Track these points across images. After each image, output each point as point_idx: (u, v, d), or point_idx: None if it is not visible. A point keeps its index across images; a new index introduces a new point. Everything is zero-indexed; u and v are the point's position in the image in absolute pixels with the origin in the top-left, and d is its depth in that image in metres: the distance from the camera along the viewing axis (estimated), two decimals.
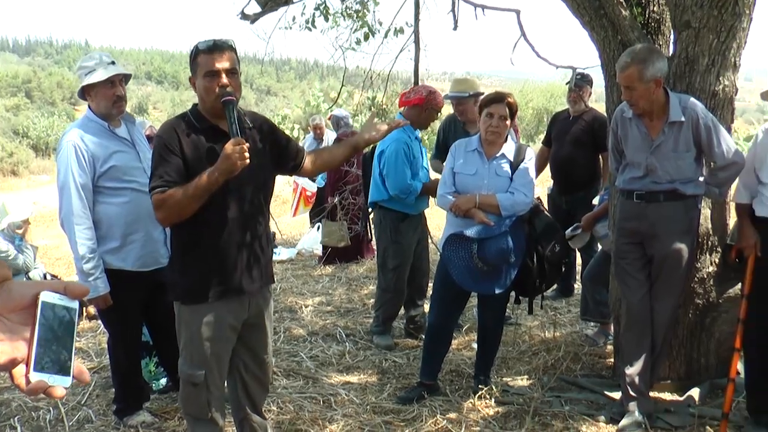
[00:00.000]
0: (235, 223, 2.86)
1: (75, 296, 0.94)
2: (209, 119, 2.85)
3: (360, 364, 4.78)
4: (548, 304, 5.83)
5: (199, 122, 2.84)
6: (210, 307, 2.87)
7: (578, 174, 5.77)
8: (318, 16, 6.36)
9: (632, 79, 3.40)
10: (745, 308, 3.59)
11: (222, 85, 2.74)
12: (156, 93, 76.57)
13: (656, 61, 3.40)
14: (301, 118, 25.18)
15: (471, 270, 3.85)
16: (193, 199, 2.68)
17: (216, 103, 2.76)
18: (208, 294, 2.85)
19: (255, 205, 2.95)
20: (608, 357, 4.67)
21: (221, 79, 2.75)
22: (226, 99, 2.73)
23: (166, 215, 2.76)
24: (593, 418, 3.80)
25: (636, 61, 3.38)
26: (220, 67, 2.75)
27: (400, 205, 4.95)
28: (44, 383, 0.88)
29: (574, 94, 5.80)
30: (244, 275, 2.93)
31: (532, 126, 35.73)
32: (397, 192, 4.85)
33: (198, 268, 2.86)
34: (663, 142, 3.51)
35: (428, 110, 4.98)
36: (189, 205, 2.69)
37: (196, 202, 2.69)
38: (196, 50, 2.78)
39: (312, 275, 7.56)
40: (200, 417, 3.01)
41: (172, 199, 2.68)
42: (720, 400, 3.76)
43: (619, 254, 3.81)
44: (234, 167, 2.63)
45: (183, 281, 2.90)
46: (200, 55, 2.77)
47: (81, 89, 3.62)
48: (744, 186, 3.68)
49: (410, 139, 4.91)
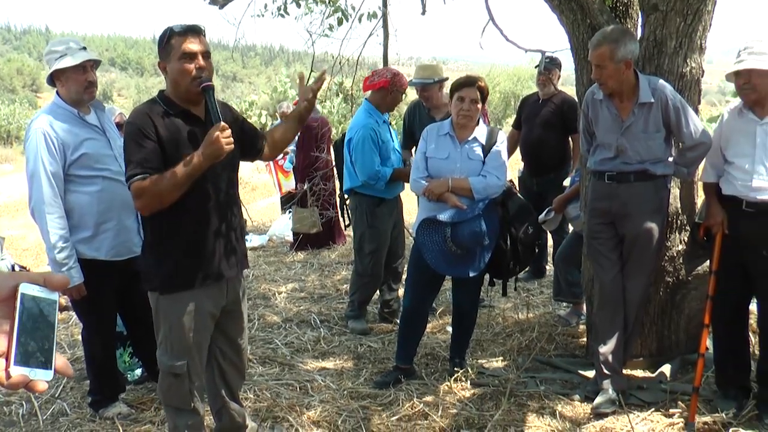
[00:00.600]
0: (213, 209, 2.85)
1: (55, 288, 0.92)
2: (180, 104, 2.81)
3: (335, 350, 4.79)
4: (521, 285, 5.89)
5: (170, 107, 2.80)
6: (190, 295, 2.85)
7: (548, 156, 5.82)
8: (290, 2, 6.29)
9: (603, 58, 3.45)
10: (713, 285, 3.67)
11: (200, 66, 2.72)
12: (120, 80, 75.40)
13: (628, 43, 3.44)
14: (268, 104, 24.98)
15: (445, 254, 3.87)
16: (177, 186, 2.65)
17: (192, 86, 2.73)
18: (187, 282, 2.83)
19: (230, 191, 2.95)
20: (581, 337, 4.75)
21: (199, 61, 2.73)
22: (205, 85, 2.72)
23: (147, 203, 2.69)
24: (568, 397, 3.86)
25: (608, 41, 3.43)
26: (197, 49, 2.72)
27: (374, 190, 4.95)
28: (25, 377, 0.86)
29: (543, 78, 5.84)
30: (223, 261, 2.92)
31: (500, 110, 35.93)
32: (366, 179, 4.85)
33: (177, 256, 2.82)
34: (633, 123, 3.56)
35: (394, 92, 4.97)
36: (172, 192, 2.65)
37: (179, 190, 2.66)
38: (169, 33, 2.73)
39: (284, 262, 7.54)
40: (183, 407, 2.99)
41: (155, 187, 2.64)
42: (690, 375, 3.85)
43: (591, 234, 3.86)
44: (220, 152, 2.64)
45: (161, 271, 2.85)
46: (174, 38, 2.72)
47: (50, 75, 3.54)
48: (711, 165, 3.75)
49: (377, 123, 4.90)
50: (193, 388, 2.97)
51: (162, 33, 2.79)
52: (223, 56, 34.99)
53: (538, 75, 5.94)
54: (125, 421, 3.70)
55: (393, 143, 5.06)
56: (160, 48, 2.80)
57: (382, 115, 5.01)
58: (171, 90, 2.83)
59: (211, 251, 2.87)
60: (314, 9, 6.52)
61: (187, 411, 3.00)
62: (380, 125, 4.92)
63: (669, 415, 3.61)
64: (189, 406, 2.99)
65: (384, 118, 5.02)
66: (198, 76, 2.72)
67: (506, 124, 24.90)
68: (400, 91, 5.01)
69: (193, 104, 2.83)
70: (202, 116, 2.85)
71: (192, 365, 2.93)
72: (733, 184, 3.56)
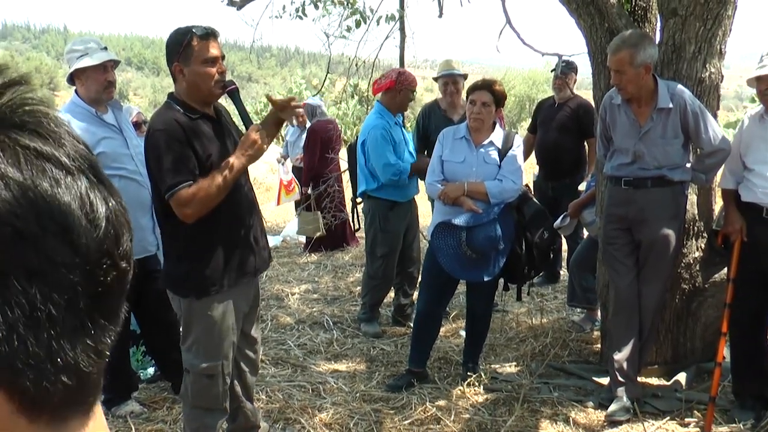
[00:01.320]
0: (242, 208, 2.90)
1: None
2: (197, 107, 2.80)
3: (348, 352, 4.78)
4: (535, 290, 5.86)
5: (189, 111, 2.78)
6: (226, 295, 2.86)
7: (564, 160, 5.79)
8: (308, 4, 6.30)
9: (623, 63, 3.42)
10: (731, 292, 3.63)
11: (222, 71, 2.76)
12: (136, 79, 75.96)
13: (647, 47, 3.41)
14: None
15: (460, 258, 3.85)
16: (225, 189, 2.68)
17: (215, 89, 2.76)
18: (222, 283, 2.83)
19: (251, 189, 3.03)
20: (595, 343, 4.71)
21: (221, 65, 2.76)
22: (231, 89, 2.78)
23: (196, 210, 2.66)
24: (582, 403, 3.83)
25: (627, 46, 3.40)
26: (217, 54, 2.75)
27: (388, 193, 4.93)
28: None
29: (559, 81, 5.81)
30: (254, 258, 2.96)
31: (515, 113, 35.83)
32: (388, 176, 4.80)
33: (211, 259, 2.80)
34: (651, 128, 3.53)
35: (402, 91, 4.92)
36: (219, 196, 2.68)
37: (225, 192, 2.69)
38: (190, 36, 2.70)
39: (297, 263, 7.54)
40: (215, 407, 3.00)
41: (203, 192, 2.63)
42: (706, 384, 3.81)
43: (608, 240, 3.83)
44: (261, 152, 2.73)
45: (193, 275, 2.80)
46: (195, 41, 2.70)
47: (70, 74, 3.56)
48: (730, 172, 3.71)
49: (389, 124, 4.88)
50: (226, 387, 2.99)
51: (178, 34, 2.75)
52: (239, 57, 35.15)
53: (554, 79, 5.91)
54: (138, 419, 3.71)
55: (407, 144, 5.04)
56: (177, 50, 2.74)
57: (394, 117, 4.98)
58: (187, 93, 2.80)
59: (243, 251, 2.90)
60: (332, 11, 6.52)
61: (219, 410, 3.02)
62: (392, 126, 4.90)
63: (684, 425, 3.58)
64: (221, 406, 3.01)
65: (396, 119, 5.00)
66: (221, 79, 2.76)
67: (521, 127, 24.84)
68: (408, 89, 4.94)
69: (207, 106, 2.84)
70: (215, 116, 2.89)
71: (226, 365, 2.94)
72: (753, 191, 3.53)
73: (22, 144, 0.47)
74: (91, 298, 0.49)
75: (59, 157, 0.48)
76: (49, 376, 0.47)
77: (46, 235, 0.46)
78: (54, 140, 0.49)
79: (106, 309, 0.51)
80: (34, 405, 0.47)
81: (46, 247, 0.45)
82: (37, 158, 0.47)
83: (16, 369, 0.45)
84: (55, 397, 0.48)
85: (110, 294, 0.51)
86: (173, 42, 2.76)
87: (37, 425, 0.48)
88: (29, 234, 0.45)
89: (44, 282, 0.46)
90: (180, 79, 2.78)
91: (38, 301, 0.45)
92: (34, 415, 0.47)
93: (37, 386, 0.46)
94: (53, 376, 0.47)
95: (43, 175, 0.47)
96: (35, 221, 0.45)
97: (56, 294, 0.46)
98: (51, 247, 0.46)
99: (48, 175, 0.47)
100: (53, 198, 0.46)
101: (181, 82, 2.79)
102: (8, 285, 0.44)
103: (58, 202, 0.47)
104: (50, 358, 0.47)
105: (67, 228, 0.47)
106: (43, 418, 0.48)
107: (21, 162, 0.46)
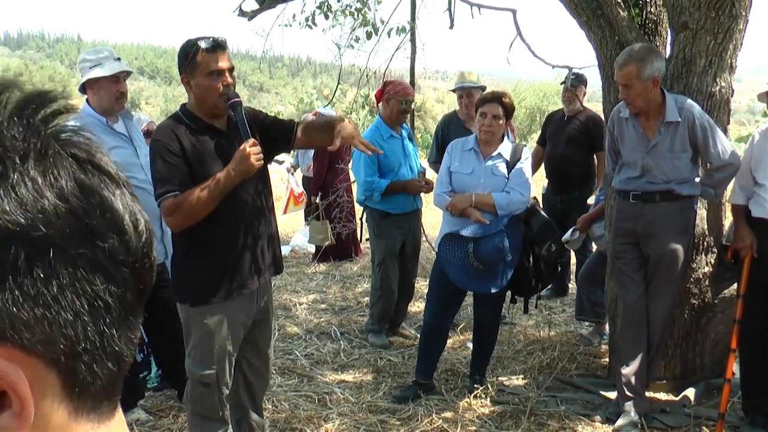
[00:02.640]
0: (242, 221, 2.87)
1: None
2: (204, 119, 2.83)
3: (355, 363, 4.78)
4: (543, 303, 5.83)
5: (194, 122, 2.82)
6: (222, 306, 2.86)
7: (573, 174, 5.77)
8: (318, 14, 6.32)
9: (630, 77, 3.41)
10: (741, 308, 3.61)
11: (227, 84, 2.75)
12: (149, 88, 76.49)
13: (654, 61, 3.41)
14: (294, 115, 25.04)
15: (467, 269, 3.84)
16: (210, 202, 2.68)
17: (219, 102, 2.76)
18: (218, 294, 2.84)
19: (261, 197, 2.99)
20: (603, 357, 4.68)
21: (226, 79, 2.76)
22: (233, 101, 2.76)
23: (179, 220, 2.72)
24: (589, 417, 3.81)
25: (635, 60, 3.39)
26: (224, 66, 2.75)
27: (380, 204, 4.96)
28: None
29: (569, 94, 5.80)
30: (254, 271, 2.94)
31: (525, 125, 35.77)
32: (361, 191, 4.92)
33: (207, 268, 2.83)
34: (659, 141, 3.52)
35: (390, 101, 4.89)
36: (205, 207, 2.69)
37: (211, 205, 2.69)
38: (195, 49, 2.72)
39: (306, 273, 7.54)
40: (211, 416, 3.00)
41: (188, 203, 2.67)
42: (716, 400, 3.78)
43: (616, 254, 3.81)
44: (251, 168, 2.68)
45: (191, 283, 2.85)
46: (201, 54, 2.72)
47: (82, 83, 3.58)
48: (740, 187, 3.70)
49: (382, 137, 4.87)
50: (223, 397, 2.99)
51: (186, 46, 2.78)
52: (251, 66, 35.29)
53: (563, 91, 5.90)
54: (143, 427, 3.72)
55: (407, 158, 5.00)
56: (184, 62, 2.78)
57: (392, 129, 4.95)
58: (195, 104, 2.84)
59: (242, 263, 2.88)
60: (342, 21, 6.54)
61: (216, 420, 3.02)
62: (386, 139, 4.88)
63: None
64: (218, 415, 3.01)
65: (392, 132, 4.94)
66: (225, 92, 2.76)
67: (531, 140, 24.81)
68: (395, 98, 4.87)
69: (215, 118, 2.86)
70: (224, 128, 2.88)
71: (222, 374, 2.94)
72: (764, 206, 3.51)
73: (80, 159, 0.53)
74: (134, 294, 0.55)
75: (110, 171, 0.56)
76: (99, 361, 0.52)
77: (109, 234, 0.52)
78: (100, 157, 0.56)
79: (142, 305, 0.57)
80: (82, 391, 0.52)
81: (108, 244, 0.52)
82: (94, 170, 0.54)
83: (77, 353, 0.51)
84: (99, 384, 0.53)
85: (147, 292, 0.58)
86: (181, 53, 2.81)
87: (81, 412, 0.53)
88: (98, 231, 0.51)
89: (105, 275, 0.52)
90: (188, 90, 2.83)
91: (100, 291, 0.51)
92: (81, 402, 0.52)
93: (89, 370, 0.52)
94: (102, 361, 0.53)
95: (103, 184, 0.54)
96: (101, 221, 0.52)
97: (113, 286, 0.53)
98: (112, 245, 0.52)
99: (106, 185, 0.54)
100: (111, 204, 0.53)
101: (189, 93, 2.84)
102: (78, 276, 0.50)
103: (115, 207, 0.54)
104: (102, 344, 0.52)
105: (122, 230, 0.53)
106: (87, 405, 0.53)
107: (86, 172, 0.53)
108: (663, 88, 3.58)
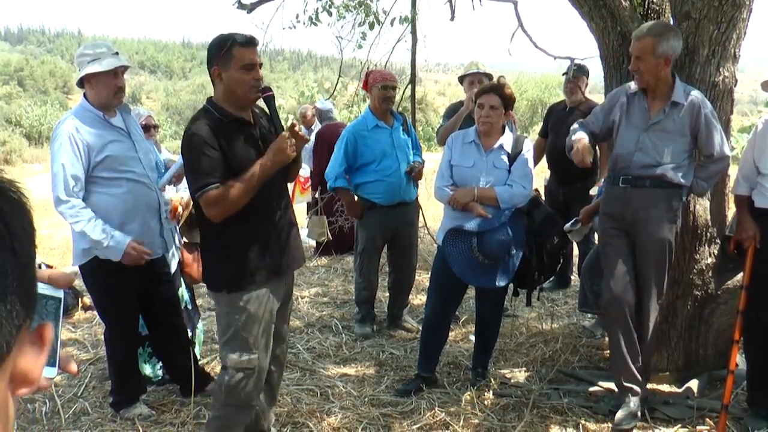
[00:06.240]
0: (275, 207, 3.00)
1: (60, 286, 0.92)
2: (233, 112, 2.91)
3: (357, 356, 4.77)
4: (545, 295, 5.83)
5: (224, 116, 2.89)
6: (258, 290, 2.94)
7: (575, 165, 5.73)
8: (321, 11, 6.30)
9: (644, 50, 3.39)
10: (744, 300, 3.58)
11: (259, 78, 2.86)
12: (149, 82, 76.32)
13: (672, 39, 3.38)
14: (295, 108, 25.04)
15: (472, 263, 3.82)
16: (250, 192, 2.81)
17: (251, 94, 2.86)
18: (253, 279, 2.92)
19: (284, 188, 3.15)
20: (606, 348, 4.66)
21: (258, 72, 2.86)
22: (267, 94, 2.90)
23: (222, 211, 2.81)
24: (592, 410, 3.80)
25: (652, 34, 3.37)
26: (256, 61, 2.86)
27: (366, 192, 4.99)
28: None
29: (571, 84, 5.77)
30: (286, 255, 3.05)
31: (527, 117, 35.72)
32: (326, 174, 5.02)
33: (242, 255, 2.91)
34: (661, 120, 3.48)
35: (372, 89, 4.92)
36: (246, 197, 2.81)
37: (251, 194, 2.82)
38: (231, 42, 2.81)
39: (307, 266, 7.53)
40: (246, 404, 3.05)
41: (230, 194, 2.77)
42: (719, 392, 3.76)
43: (605, 239, 3.77)
44: (288, 159, 2.85)
45: (226, 271, 2.93)
46: (236, 48, 2.81)
47: (80, 78, 3.57)
48: (743, 177, 3.67)
49: (366, 128, 4.89)
50: (261, 384, 3.06)
51: (221, 39, 2.86)
52: None
53: (565, 82, 5.88)
54: (146, 422, 3.71)
55: (395, 149, 4.93)
56: (218, 55, 2.86)
57: (378, 119, 4.93)
58: (224, 97, 2.91)
59: (275, 248, 3.00)
60: (346, 16, 6.52)
61: (249, 408, 3.08)
62: (369, 129, 4.90)
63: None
64: (252, 402, 3.06)
65: (377, 122, 4.91)
66: (257, 85, 2.86)
67: (533, 131, 24.78)
68: (376, 86, 4.88)
69: (243, 110, 2.95)
70: (251, 120, 2.98)
71: (263, 358, 3.01)
72: (767, 196, 3.48)
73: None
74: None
75: None
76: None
77: None
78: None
79: None
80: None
81: None
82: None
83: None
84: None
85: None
86: (215, 47, 2.88)
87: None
88: None
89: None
90: (218, 82, 2.90)
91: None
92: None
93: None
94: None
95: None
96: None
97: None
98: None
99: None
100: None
101: (219, 86, 2.91)
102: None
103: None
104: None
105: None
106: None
107: None
108: (675, 72, 3.54)
